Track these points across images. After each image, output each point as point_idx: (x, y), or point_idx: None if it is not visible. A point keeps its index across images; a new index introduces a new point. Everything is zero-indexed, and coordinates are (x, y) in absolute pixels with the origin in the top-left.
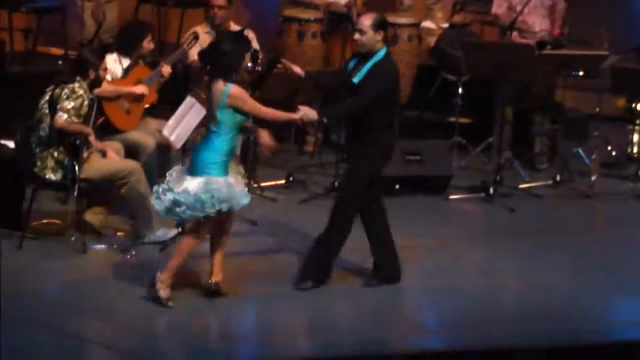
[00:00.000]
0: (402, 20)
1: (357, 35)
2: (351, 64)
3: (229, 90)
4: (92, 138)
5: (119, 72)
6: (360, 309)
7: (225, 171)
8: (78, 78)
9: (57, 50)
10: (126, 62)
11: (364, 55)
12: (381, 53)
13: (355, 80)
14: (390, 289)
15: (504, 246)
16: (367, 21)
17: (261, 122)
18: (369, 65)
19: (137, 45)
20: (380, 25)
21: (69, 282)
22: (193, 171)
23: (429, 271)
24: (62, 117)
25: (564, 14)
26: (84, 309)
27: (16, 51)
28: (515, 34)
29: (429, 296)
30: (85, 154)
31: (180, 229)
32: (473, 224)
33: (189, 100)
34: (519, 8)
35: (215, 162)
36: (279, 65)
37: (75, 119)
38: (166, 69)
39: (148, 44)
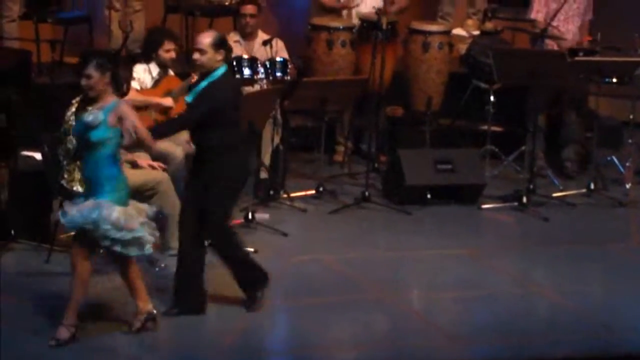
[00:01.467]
0: (433, 28)
1: (196, 55)
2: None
3: None
4: (142, 161)
5: (148, 81)
6: (393, 320)
7: None
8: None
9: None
10: (155, 71)
11: (203, 75)
12: (219, 72)
13: (189, 99)
14: (423, 299)
15: (537, 255)
16: (206, 40)
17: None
18: (203, 84)
19: (153, 52)
20: (221, 44)
21: (97, 294)
22: None
23: (462, 281)
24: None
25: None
26: (112, 319)
27: (43, 62)
28: (548, 41)
29: (462, 306)
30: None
31: (208, 242)
32: (506, 234)
33: None
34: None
35: None
36: None
37: None
38: (193, 78)
39: (166, 53)
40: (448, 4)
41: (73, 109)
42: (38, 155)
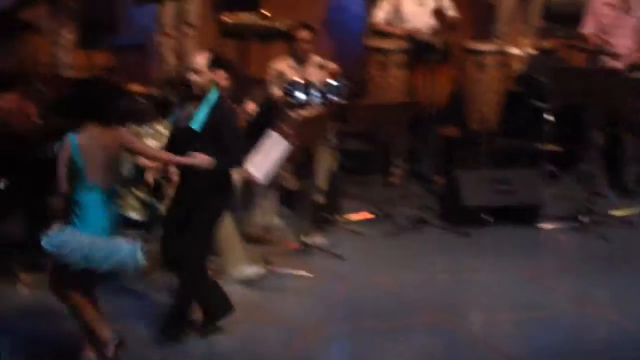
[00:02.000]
0: (488, 47)
1: (192, 76)
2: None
3: None
4: (175, 176)
5: None
6: (452, 343)
7: None
8: (160, 117)
9: (137, 88)
10: None
11: (197, 98)
12: (214, 96)
13: (195, 126)
14: (482, 322)
15: (597, 275)
16: (202, 60)
17: None
18: (204, 110)
19: None
20: (218, 63)
21: (156, 321)
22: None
23: (521, 303)
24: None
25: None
26: (174, 348)
27: None
28: (605, 57)
29: (521, 328)
30: (168, 192)
31: (266, 266)
32: (565, 254)
33: (273, 135)
34: (607, 30)
35: None
36: None
37: None
38: (250, 106)
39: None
40: (503, 23)
41: None
42: None
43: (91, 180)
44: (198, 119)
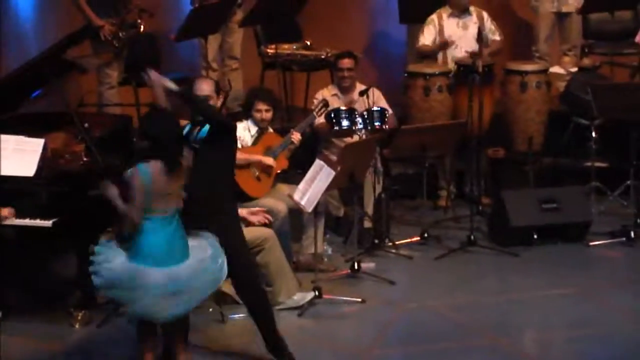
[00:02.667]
0: (530, 67)
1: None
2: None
3: None
4: None
5: (248, 139)
6: None
7: None
8: None
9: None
10: (254, 129)
11: (202, 123)
12: None
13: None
14: (537, 341)
15: None
16: (210, 86)
17: None
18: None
19: (249, 112)
20: (218, 90)
21: (210, 353)
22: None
23: (574, 321)
24: None
25: None
26: None
27: None
28: None
29: (576, 347)
30: None
31: (316, 293)
32: (616, 270)
33: (318, 163)
34: None
35: None
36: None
37: None
38: (296, 136)
39: (257, 113)
40: (543, 43)
41: None
42: None
43: (155, 209)
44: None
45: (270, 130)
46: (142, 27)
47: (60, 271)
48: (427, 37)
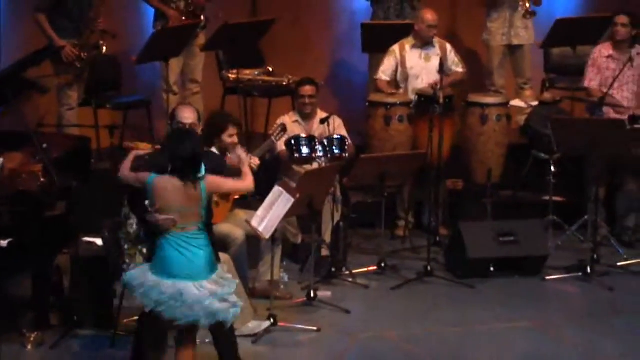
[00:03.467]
0: (491, 100)
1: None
2: None
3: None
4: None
5: None
6: None
7: None
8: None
9: (144, 145)
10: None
11: None
12: None
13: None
14: None
15: (604, 326)
16: (194, 114)
17: None
18: None
19: (216, 137)
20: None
21: None
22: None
23: (528, 355)
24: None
25: None
26: None
27: (102, 148)
28: (608, 109)
29: None
30: None
31: (272, 321)
32: (572, 305)
33: (277, 189)
34: (609, 82)
35: None
36: None
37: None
38: (254, 161)
39: (228, 138)
40: (497, 76)
41: None
42: (99, 241)
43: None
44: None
45: (229, 155)
46: (104, 48)
47: (14, 291)
48: (387, 68)
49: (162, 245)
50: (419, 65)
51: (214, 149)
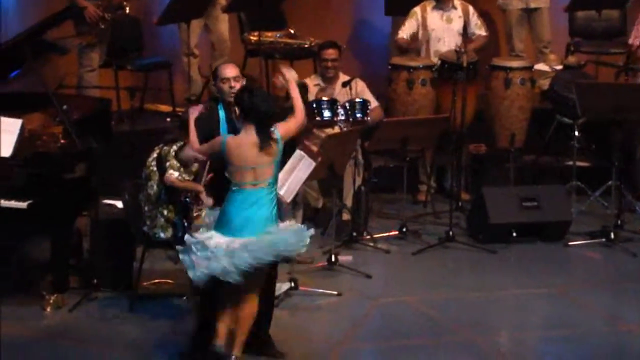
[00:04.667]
0: (515, 63)
1: (239, 85)
2: None
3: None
4: (202, 195)
5: None
6: None
7: None
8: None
9: (164, 107)
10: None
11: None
12: None
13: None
14: (511, 340)
15: (627, 292)
16: (236, 68)
17: None
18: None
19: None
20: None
21: (180, 341)
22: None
23: (550, 321)
24: (172, 175)
25: None
26: None
27: (123, 110)
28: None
29: (551, 347)
30: (195, 212)
31: (293, 285)
32: (594, 271)
33: (298, 153)
34: None
35: None
36: None
37: (186, 177)
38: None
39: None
40: (517, 42)
41: (155, 155)
42: (119, 203)
43: (235, 181)
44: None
45: None
46: (127, 9)
47: (33, 253)
48: (408, 29)
49: (230, 201)
50: (441, 27)
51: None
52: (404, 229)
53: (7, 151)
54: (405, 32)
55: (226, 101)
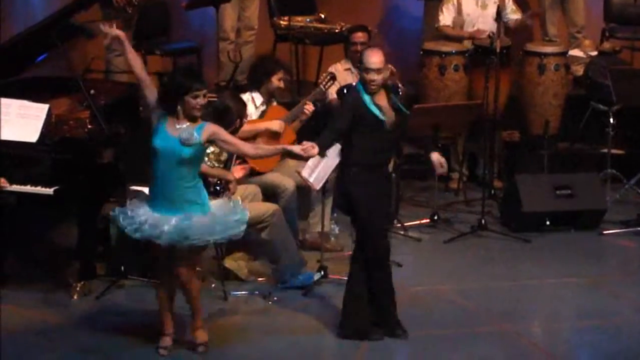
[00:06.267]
0: (549, 49)
1: (376, 76)
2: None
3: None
4: (232, 184)
5: (252, 111)
6: (513, 353)
7: None
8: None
9: None
10: (259, 100)
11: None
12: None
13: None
14: (544, 330)
15: None
16: (382, 57)
17: None
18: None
19: (265, 80)
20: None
21: (210, 329)
22: None
23: (584, 311)
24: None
25: None
26: (226, 356)
27: None
28: None
29: (584, 337)
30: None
31: (322, 273)
32: (629, 260)
33: None
34: None
35: None
36: None
37: (216, 164)
38: (309, 107)
39: (278, 82)
40: (550, 26)
41: None
42: (147, 190)
43: None
44: (400, 105)
45: (275, 103)
46: None
47: (60, 240)
48: (447, 16)
49: None
50: (476, 12)
51: (257, 94)
52: (436, 217)
53: (33, 136)
54: (446, 18)
55: (365, 87)
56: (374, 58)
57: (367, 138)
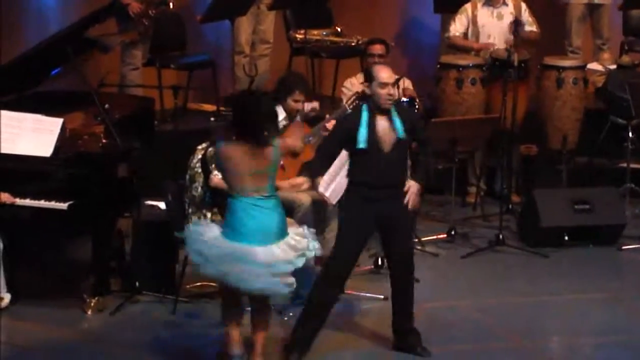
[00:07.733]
0: (567, 63)
1: (393, 91)
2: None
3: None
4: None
5: None
6: None
7: None
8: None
9: (208, 107)
10: (282, 115)
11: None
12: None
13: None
14: (563, 347)
15: None
16: (389, 73)
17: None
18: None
19: (283, 98)
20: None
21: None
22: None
23: (603, 327)
24: (217, 176)
25: None
26: None
27: (166, 109)
28: None
29: (604, 353)
30: None
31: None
32: None
33: (344, 155)
34: None
35: None
36: None
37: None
38: (331, 124)
39: (293, 103)
40: (576, 37)
41: (199, 156)
42: (162, 205)
43: (235, 189)
44: (399, 127)
45: (297, 119)
46: (171, 4)
47: (74, 256)
48: (458, 26)
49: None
50: (491, 24)
51: (280, 109)
52: (453, 232)
53: (47, 151)
54: (456, 29)
55: (377, 105)
56: (386, 72)
57: (359, 158)
